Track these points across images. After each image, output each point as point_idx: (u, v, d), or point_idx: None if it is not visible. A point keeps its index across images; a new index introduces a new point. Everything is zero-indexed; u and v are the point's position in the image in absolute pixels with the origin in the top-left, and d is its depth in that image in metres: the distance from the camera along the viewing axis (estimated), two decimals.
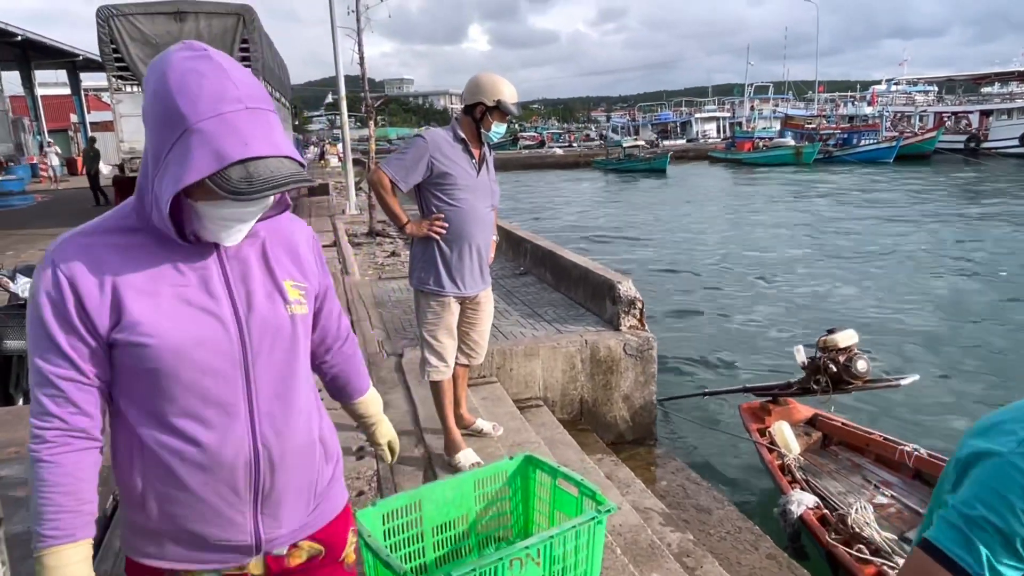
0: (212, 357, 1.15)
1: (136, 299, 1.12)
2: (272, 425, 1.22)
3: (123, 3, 12.60)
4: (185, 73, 1.03)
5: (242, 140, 1.01)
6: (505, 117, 3.21)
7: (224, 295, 1.18)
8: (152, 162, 1.08)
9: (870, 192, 25.02)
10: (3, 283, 3.60)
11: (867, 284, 11.24)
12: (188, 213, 1.12)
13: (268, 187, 1.02)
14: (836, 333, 4.74)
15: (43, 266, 1.12)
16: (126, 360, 1.13)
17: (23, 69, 27.51)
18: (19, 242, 11.93)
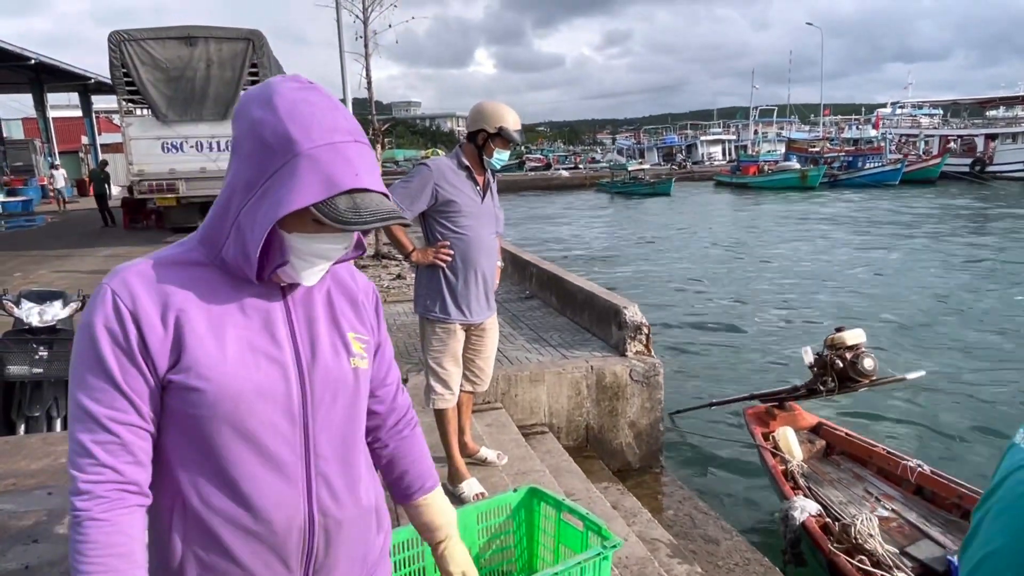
0: (272, 409, 1.06)
1: (199, 339, 1.03)
2: (329, 490, 1.12)
3: (134, 28, 12.76)
4: (296, 101, 1.00)
5: (353, 170, 0.99)
6: (508, 144, 3.22)
7: (288, 342, 1.10)
8: (242, 190, 1.02)
9: (877, 215, 25.00)
10: (7, 308, 3.59)
11: (875, 302, 11.18)
12: (274, 247, 1.05)
13: (375, 219, 0.99)
14: (844, 331, 4.77)
15: (101, 297, 1.02)
16: (179, 406, 1.03)
17: (36, 92, 27.82)
18: (27, 263, 12.00)
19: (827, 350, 4.76)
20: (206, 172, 13.32)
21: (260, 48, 13.06)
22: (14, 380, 3.45)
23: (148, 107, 13.17)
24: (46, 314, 3.60)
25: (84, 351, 1.00)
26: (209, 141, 13.25)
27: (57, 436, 3.32)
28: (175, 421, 1.04)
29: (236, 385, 1.03)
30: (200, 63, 12.75)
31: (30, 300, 3.63)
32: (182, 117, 13.02)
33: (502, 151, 3.23)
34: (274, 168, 0.99)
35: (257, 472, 1.05)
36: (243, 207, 1.02)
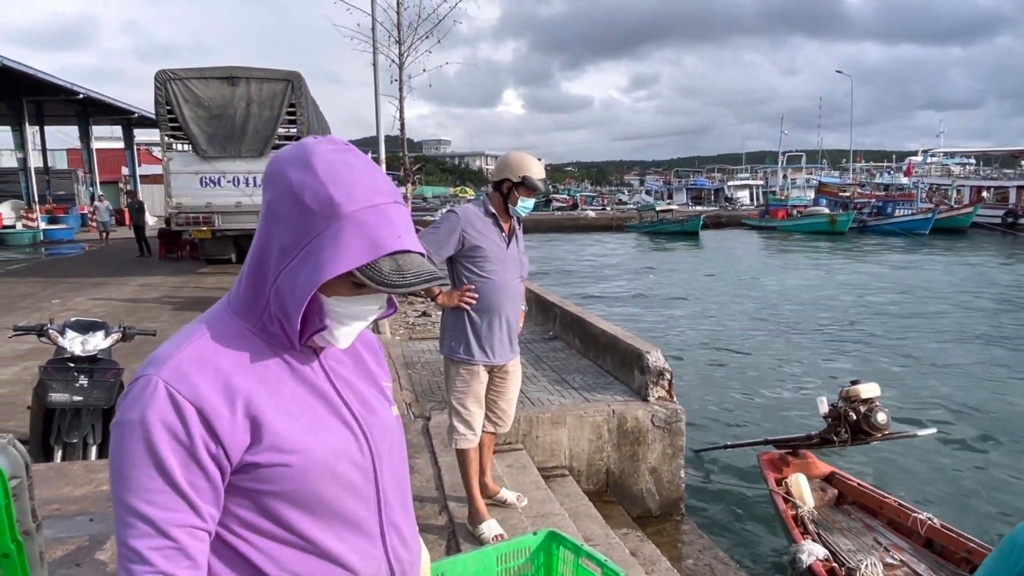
0: (350, 469, 1.05)
1: (271, 412, 0.99)
2: (400, 538, 1.13)
3: (180, 68, 13.30)
4: (335, 163, 0.99)
5: (396, 232, 0.98)
6: (532, 192, 3.34)
7: (340, 401, 1.08)
8: (278, 255, 0.99)
9: (906, 263, 24.72)
10: (52, 337, 3.74)
11: (897, 352, 11.02)
12: (314, 311, 1.01)
13: (419, 281, 0.98)
14: (860, 384, 4.81)
15: (151, 390, 0.94)
16: (258, 486, 0.98)
17: (82, 124, 28.89)
18: (66, 290, 12.35)
19: (842, 402, 4.79)
20: (241, 207, 13.70)
21: (299, 89, 13.52)
22: (55, 407, 3.59)
23: (189, 143, 13.65)
24: (88, 344, 3.75)
25: (135, 451, 0.92)
26: (246, 177, 13.66)
27: (98, 464, 3.43)
28: (247, 498, 0.99)
29: (319, 452, 1.01)
30: (241, 102, 13.23)
31: (74, 330, 3.78)
32: (221, 153, 13.47)
33: (526, 199, 3.36)
34: (316, 231, 0.96)
35: (342, 533, 1.04)
36: (280, 272, 0.98)
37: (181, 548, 0.92)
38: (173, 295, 11.90)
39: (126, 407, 0.95)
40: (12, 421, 5.33)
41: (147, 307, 10.60)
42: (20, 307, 10.65)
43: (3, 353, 7.67)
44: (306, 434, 1.00)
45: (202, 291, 12.35)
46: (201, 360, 0.97)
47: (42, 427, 3.69)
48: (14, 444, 1.27)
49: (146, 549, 0.91)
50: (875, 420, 4.61)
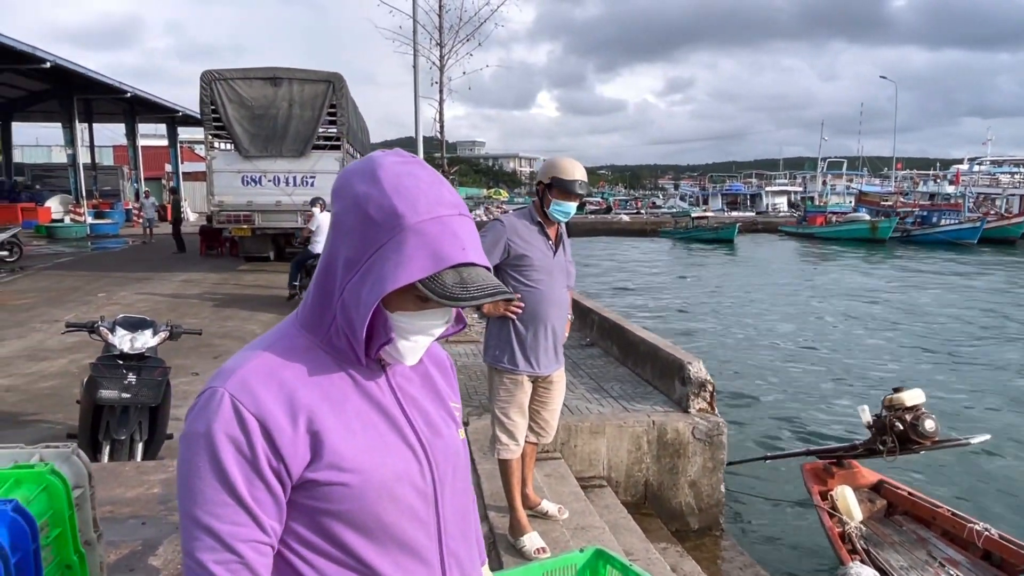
0: (410, 493, 1.02)
1: (333, 429, 0.97)
2: (460, 568, 1.09)
3: (225, 68, 13.53)
4: (401, 175, 0.98)
5: (460, 244, 0.96)
6: (566, 194, 3.24)
7: (405, 421, 1.05)
8: (344, 267, 0.98)
9: (953, 273, 24.06)
10: (103, 334, 3.80)
11: (942, 365, 10.70)
12: (378, 326, 1.00)
13: (483, 294, 0.95)
14: (903, 392, 4.60)
15: (216, 402, 0.93)
16: (313, 503, 0.97)
17: (128, 122, 29.60)
18: (111, 284, 12.63)
19: (885, 411, 4.60)
20: (281, 205, 13.88)
21: (340, 90, 13.65)
22: (104, 404, 3.64)
23: (232, 142, 13.87)
24: (136, 342, 3.80)
25: (201, 463, 0.92)
26: (286, 176, 13.83)
27: (149, 466, 3.47)
28: (306, 516, 0.98)
29: (378, 474, 0.98)
30: (283, 102, 13.41)
31: (123, 328, 3.84)
32: (262, 153, 13.66)
33: (560, 202, 3.26)
34: (379, 243, 0.95)
35: (400, 560, 1.01)
36: (346, 286, 0.98)
37: (245, 563, 0.91)
38: (214, 291, 12.09)
39: (193, 419, 0.94)
40: (60, 413, 5.45)
41: (189, 303, 10.78)
42: (68, 300, 10.91)
43: (51, 346, 7.86)
44: (367, 453, 0.98)
45: (241, 288, 12.53)
46: (267, 374, 0.96)
47: (91, 422, 3.75)
48: (77, 454, 1.26)
49: (211, 563, 0.90)
50: (923, 428, 4.40)
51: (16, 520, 1.04)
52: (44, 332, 8.57)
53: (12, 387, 6.33)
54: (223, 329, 8.88)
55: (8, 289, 12.27)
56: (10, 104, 27.90)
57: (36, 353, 7.57)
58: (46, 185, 29.83)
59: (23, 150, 42.16)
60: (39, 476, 1.15)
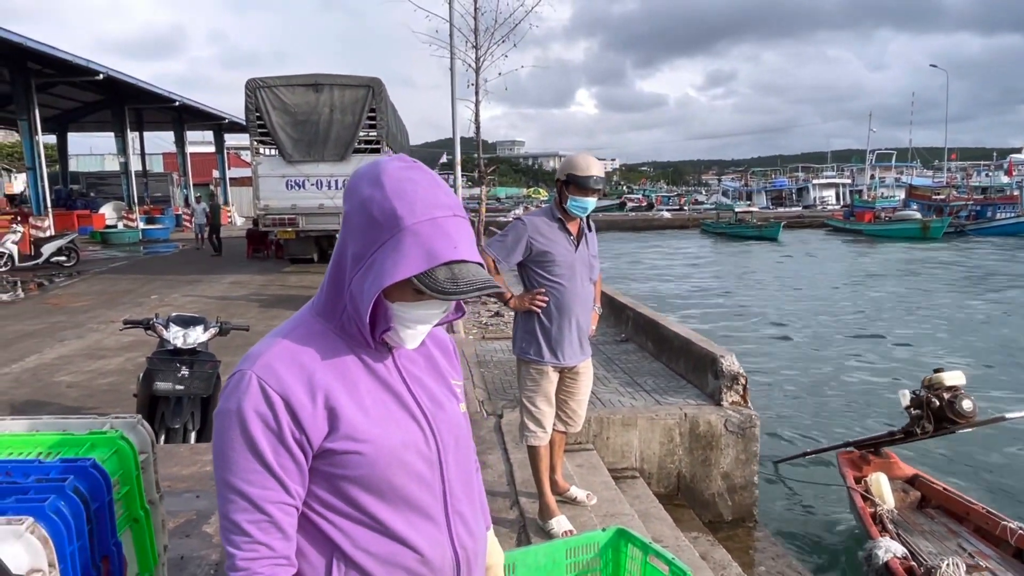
0: (416, 459, 1.15)
1: (347, 405, 1.11)
2: (465, 526, 1.23)
3: (268, 76, 13.95)
4: (401, 180, 1.09)
5: (452, 243, 1.07)
6: (583, 190, 3.33)
7: (410, 397, 1.19)
8: (352, 261, 1.11)
9: (1013, 272, 23.26)
10: (159, 331, 4.06)
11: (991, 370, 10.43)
12: (380, 314, 1.13)
13: (471, 289, 1.06)
14: (943, 372, 4.68)
15: (245, 383, 1.08)
16: (332, 469, 1.11)
17: (177, 130, 30.60)
18: (162, 287, 13.16)
19: (924, 390, 4.66)
20: (324, 208, 14.25)
21: (379, 95, 13.96)
22: (160, 395, 3.90)
23: (276, 147, 14.29)
24: (189, 337, 4.05)
25: (233, 436, 1.06)
26: (328, 180, 14.21)
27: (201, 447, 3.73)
28: (326, 481, 1.11)
29: (388, 443, 1.12)
30: (325, 108, 13.77)
31: (177, 324, 4.10)
32: (305, 157, 14.06)
33: (577, 197, 3.34)
34: (380, 241, 1.07)
35: (410, 518, 1.15)
36: (353, 278, 1.10)
37: (274, 521, 1.06)
38: (260, 292, 12.50)
39: (225, 398, 1.09)
40: (119, 407, 5.78)
41: (236, 304, 11.18)
42: (122, 302, 11.42)
43: (109, 345, 8.27)
44: (377, 426, 1.12)
45: (286, 289, 12.92)
46: (288, 357, 1.10)
47: (148, 412, 4.01)
48: (142, 423, 1.45)
49: (245, 522, 1.05)
50: (960, 407, 4.47)
51: (94, 475, 1.22)
52: (101, 332, 9.02)
53: (74, 383, 6.71)
54: (269, 327, 9.08)
55: (66, 292, 12.88)
56: (65, 115, 29.13)
57: (95, 352, 7.98)
58: (100, 192, 31.09)
59: (77, 159, 43.84)
60: (111, 440, 1.33)
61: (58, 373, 7.05)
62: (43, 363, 7.50)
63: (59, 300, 11.95)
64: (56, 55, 17.25)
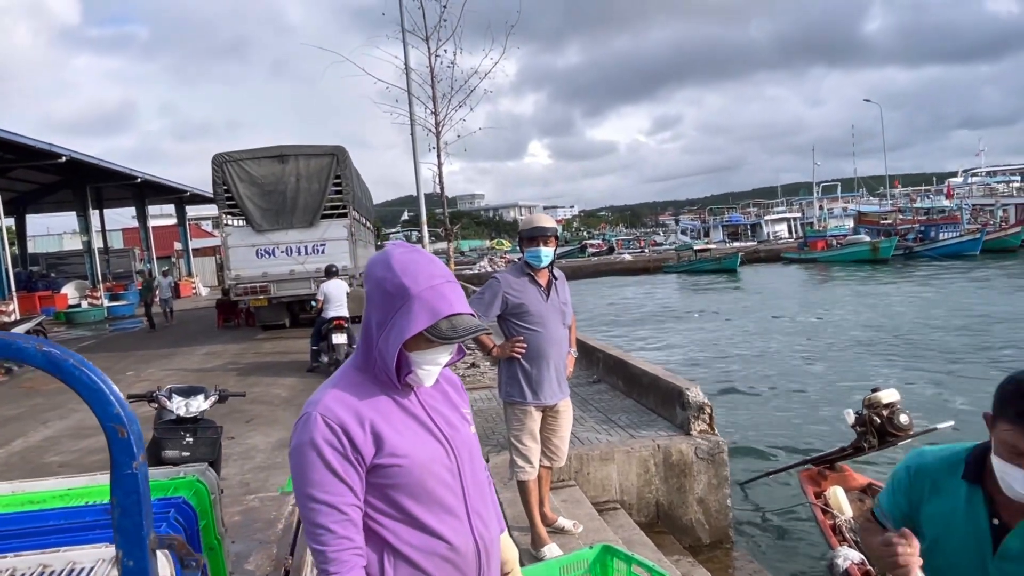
0: (441, 470, 1.51)
1: (386, 430, 1.46)
2: (482, 521, 1.58)
3: (234, 150, 14.34)
4: (406, 261, 1.48)
5: (448, 302, 1.44)
6: (532, 240, 3.80)
7: (431, 422, 1.55)
8: (376, 328, 1.49)
9: (959, 287, 24.38)
10: (162, 402, 4.31)
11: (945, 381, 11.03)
12: (403, 362, 1.48)
13: (467, 333, 1.44)
14: (880, 391, 5.18)
15: (313, 421, 1.42)
16: (380, 480, 1.45)
17: (139, 205, 30.66)
18: (136, 362, 13.17)
19: (865, 409, 5.15)
20: (294, 274, 14.51)
21: (343, 162, 14.43)
22: (168, 463, 4.11)
23: (244, 218, 14.58)
24: (191, 406, 4.30)
25: (312, 459, 1.40)
26: (298, 246, 14.51)
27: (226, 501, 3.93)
28: (376, 491, 1.46)
29: (420, 457, 1.48)
30: (291, 177, 14.18)
31: (178, 395, 4.35)
32: (274, 226, 14.37)
33: (529, 248, 3.83)
34: (396, 308, 1.45)
35: (440, 515, 1.50)
36: (379, 338, 1.48)
37: (351, 519, 1.41)
38: (236, 361, 12.61)
39: (299, 434, 1.45)
40: None
41: (214, 374, 11.28)
42: None
43: (93, 423, 8.02)
44: (410, 444, 1.48)
45: (262, 356, 13.05)
46: (340, 399, 1.47)
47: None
48: (209, 471, 1.75)
49: (330, 523, 1.40)
50: (898, 421, 4.99)
51: (186, 509, 1.52)
52: (83, 411, 9.01)
53: (64, 463, 6.81)
54: (250, 395, 9.32)
55: (38, 375, 12.77)
56: (24, 197, 29.04)
57: (80, 431, 8.06)
58: (60, 272, 30.78)
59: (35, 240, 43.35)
60: (191, 483, 1.65)
61: (46, 454, 7.14)
62: (30, 445, 7.57)
63: (32, 383, 11.91)
64: (17, 140, 17.43)
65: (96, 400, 0.98)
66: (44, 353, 0.95)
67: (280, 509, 2.29)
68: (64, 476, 1.88)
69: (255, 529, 2.13)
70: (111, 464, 1.02)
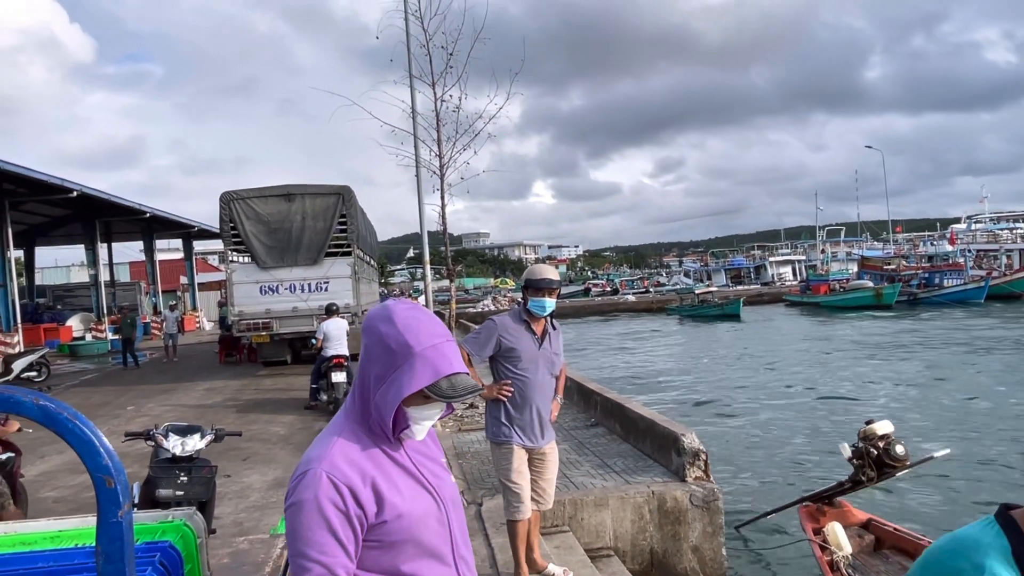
0: (434, 522, 1.55)
1: (387, 489, 1.49)
2: (467, 565, 1.64)
3: (241, 188, 14.59)
4: (408, 318, 1.52)
5: (449, 362, 1.48)
6: (538, 291, 3.91)
7: (421, 476, 1.59)
8: (375, 382, 1.51)
9: (965, 335, 24.30)
10: (158, 440, 4.34)
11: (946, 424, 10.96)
12: (399, 416, 1.52)
13: (465, 392, 1.49)
14: (874, 423, 5.19)
15: (318, 479, 1.43)
16: (377, 537, 1.48)
17: (146, 239, 30.96)
18: (137, 397, 13.19)
19: (861, 442, 5.16)
20: (297, 311, 14.62)
21: (349, 201, 14.66)
22: (162, 501, 4.13)
23: (250, 255, 14.75)
24: (187, 445, 4.33)
25: (311, 519, 1.41)
26: (301, 283, 14.65)
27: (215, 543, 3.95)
28: (374, 544, 1.48)
29: (416, 512, 1.52)
30: (297, 216, 14.39)
31: (175, 433, 4.39)
32: (279, 263, 14.53)
33: (535, 298, 3.93)
34: (397, 365, 1.47)
35: (431, 565, 1.55)
36: (377, 392, 1.50)
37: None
38: (236, 398, 12.62)
39: (302, 489, 1.45)
40: None
41: (214, 410, 11.29)
42: (99, 415, 11.45)
43: None
44: (407, 501, 1.51)
45: (262, 393, 13.06)
46: (344, 457, 1.49)
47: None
48: (196, 514, 1.80)
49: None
50: (895, 453, 5.01)
51: (172, 553, 1.57)
52: None
53: (60, 498, 6.81)
54: (248, 432, 9.33)
55: None
56: (34, 229, 29.39)
57: (77, 467, 8.03)
58: (67, 304, 30.96)
59: (43, 272, 43.71)
60: (178, 526, 1.69)
61: (43, 489, 7.13)
62: (27, 480, 7.52)
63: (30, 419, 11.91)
64: (31, 175, 17.74)
65: (87, 451, 1.05)
66: (41, 407, 1.02)
67: (268, 552, 2.32)
68: (56, 517, 1.93)
69: (243, 572, 2.16)
70: (98, 511, 1.08)
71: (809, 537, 5.03)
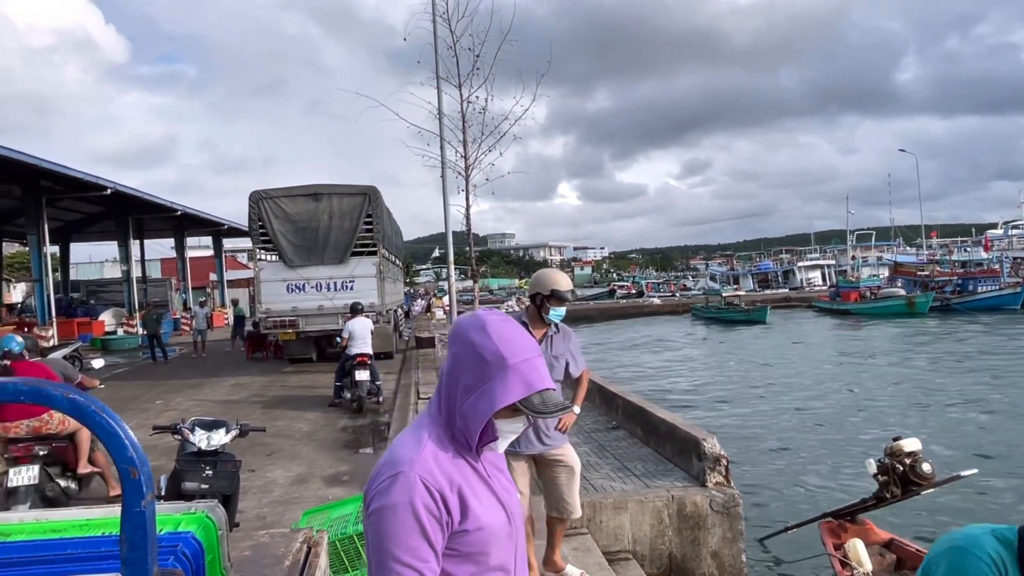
0: (506, 535, 1.54)
1: (471, 499, 1.47)
2: None
3: (270, 188, 14.82)
4: (502, 330, 1.49)
5: (541, 377, 1.45)
6: (560, 300, 3.89)
7: (496, 489, 1.56)
8: (463, 392, 1.47)
9: (1003, 344, 23.78)
10: (185, 435, 4.45)
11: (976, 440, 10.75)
12: (488, 428, 1.49)
13: (557, 409, 1.46)
14: (902, 440, 5.11)
15: (411, 482, 1.41)
16: (457, 546, 1.46)
17: (177, 236, 31.55)
18: (166, 392, 13.45)
19: (887, 458, 5.09)
20: (323, 309, 14.80)
21: (375, 201, 14.82)
22: (187, 494, 4.23)
23: (277, 253, 14.98)
24: (212, 440, 4.43)
25: (405, 523, 1.39)
26: (327, 282, 14.83)
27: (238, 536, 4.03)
28: (450, 554, 1.46)
29: (493, 526, 1.50)
30: (324, 215, 14.59)
31: (201, 428, 4.49)
32: (305, 262, 14.73)
33: (557, 308, 3.91)
34: (490, 376, 1.43)
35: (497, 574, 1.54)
36: (465, 402, 1.45)
37: None
38: (262, 394, 12.81)
39: (394, 492, 1.41)
40: None
41: (239, 406, 11.47)
42: (128, 408, 11.70)
43: None
44: (487, 513, 1.50)
45: (287, 390, 13.23)
46: (434, 462, 1.46)
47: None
48: (219, 506, 1.85)
49: None
50: (920, 470, 4.93)
51: (193, 544, 1.62)
52: None
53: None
54: (273, 428, 9.50)
55: None
56: (69, 226, 30.12)
57: None
58: (100, 300, 31.65)
59: (77, 267, 44.72)
60: (200, 518, 1.74)
61: None
62: None
63: None
64: (67, 173, 18.20)
65: (113, 443, 1.09)
66: (70, 400, 1.07)
67: (289, 546, 2.36)
68: (85, 506, 1.99)
69: (263, 565, 2.21)
70: (123, 501, 1.12)
71: (830, 552, 4.97)
